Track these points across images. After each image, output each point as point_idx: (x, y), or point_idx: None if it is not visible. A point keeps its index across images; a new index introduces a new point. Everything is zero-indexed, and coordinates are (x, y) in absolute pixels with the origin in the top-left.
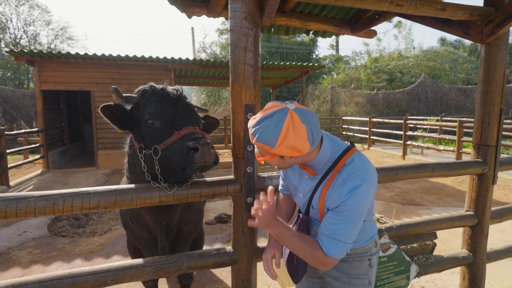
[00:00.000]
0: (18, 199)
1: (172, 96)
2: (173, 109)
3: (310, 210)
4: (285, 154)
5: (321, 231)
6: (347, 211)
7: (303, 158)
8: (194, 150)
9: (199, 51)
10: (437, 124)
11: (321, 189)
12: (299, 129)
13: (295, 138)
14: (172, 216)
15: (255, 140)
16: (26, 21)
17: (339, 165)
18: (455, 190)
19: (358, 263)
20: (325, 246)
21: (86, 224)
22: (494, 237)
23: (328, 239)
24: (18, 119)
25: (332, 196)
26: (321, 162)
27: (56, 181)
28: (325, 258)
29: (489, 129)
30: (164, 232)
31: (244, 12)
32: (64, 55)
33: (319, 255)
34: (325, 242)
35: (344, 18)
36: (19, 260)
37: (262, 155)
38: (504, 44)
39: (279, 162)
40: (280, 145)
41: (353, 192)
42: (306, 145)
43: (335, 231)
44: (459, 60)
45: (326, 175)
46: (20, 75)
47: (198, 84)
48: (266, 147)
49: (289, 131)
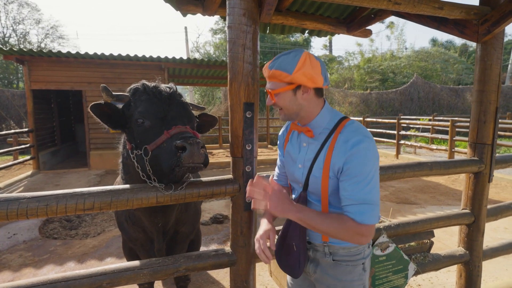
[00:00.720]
0: (9, 201)
1: (164, 94)
2: (165, 108)
3: (310, 181)
4: (301, 82)
5: (344, 203)
6: (358, 170)
7: (308, 110)
8: (182, 149)
9: (193, 51)
10: (429, 124)
11: (324, 152)
12: (314, 63)
13: (312, 69)
14: (169, 217)
15: (273, 69)
16: (15, 19)
17: (339, 128)
18: (448, 189)
19: (352, 268)
20: (356, 215)
21: (78, 226)
22: (488, 234)
23: (355, 207)
24: (7, 119)
25: (337, 155)
26: (321, 124)
27: (47, 182)
28: (360, 227)
29: (485, 128)
30: (161, 234)
31: (242, 8)
32: (55, 54)
33: (351, 225)
34: (354, 211)
35: (340, 18)
36: (9, 263)
37: (275, 89)
38: (499, 43)
39: (290, 101)
40: (298, 71)
41: (357, 147)
42: (321, 78)
43: (359, 196)
44: (450, 60)
45: (328, 139)
46: (9, 75)
47: (192, 84)
48: (283, 74)
49: (306, 61)
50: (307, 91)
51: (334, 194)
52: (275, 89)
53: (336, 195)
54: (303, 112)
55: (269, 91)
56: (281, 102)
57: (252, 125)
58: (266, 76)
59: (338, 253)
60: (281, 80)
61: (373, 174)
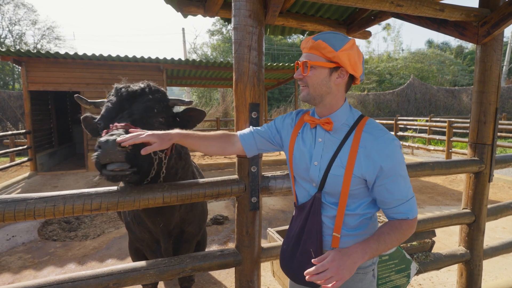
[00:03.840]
0: (16, 201)
1: (123, 94)
2: (121, 107)
3: (328, 180)
4: (343, 64)
5: (393, 205)
6: (399, 168)
7: (333, 98)
8: (98, 148)
9: (190, 52)
10: (426, 125)
11: (347, 149)
12: (359, 53)
13: (357, 55)
14: (169, 217)
15: (319, 39)
16: (11, 20)
17: (360, 124)
18: (446, 189)
19: (363, 276)
20: (408, 213)
21: (77, 227)
22: (486, 234)
23: (406, 206)
24: (3, 121)
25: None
26: (341, 118)
27: (45, 184)
28: (413, 222)
29: (485, 128)
30: (166, 233)
31: (248, 10)
32: (53, 55)
33: (406, 226)
34: (405, 210)
35: (340, 19)
36: (9, 265)
37: (313, 60)
38: (499, 44)
39: (323, 80)
40: (345, 50)
41: (392, 144)
42: (361, 68)
43: (405, 194)
44: (446, 62)
45: (349, 135)
46: (4, 76)
47: (190, 85)
48: (328, 48)
49: (354, 47)
50: (343, 76)
51: (352, 196)
52: (313, 61)
53: (354, 197)
54: (329, 98)
55: (302, 62)
56: (312, 79)
57: (257, 126)
58: (306, 47)
59: None
60: (323, 55)
61: (405, 168)
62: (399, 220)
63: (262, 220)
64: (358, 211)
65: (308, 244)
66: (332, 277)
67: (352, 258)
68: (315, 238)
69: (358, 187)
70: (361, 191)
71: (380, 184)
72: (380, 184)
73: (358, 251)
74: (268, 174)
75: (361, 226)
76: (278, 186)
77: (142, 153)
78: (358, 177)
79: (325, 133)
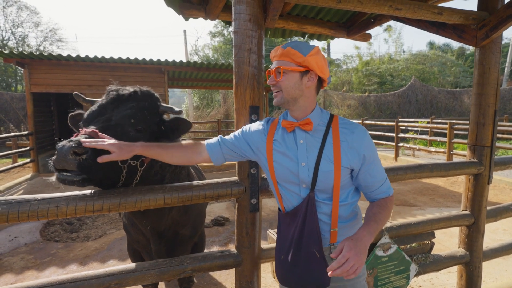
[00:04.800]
0: (20, 202)
1: (109, 98)
2: (103, 111)
3: (319, 177)
4: (312, 67)
5: (375, 187)
6: (374, 154)
7: (306, 101)
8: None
9: (191, 54)
10: (428, 126)
11: (330, 145)
12: (324, 58)
13: (323, 60)
14: (157, 220)
15: (288, 46)
16: (14, 22)
17: (334, 122)
18: (447, 191)
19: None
20: (389, 190)
21: (79, 228)
22: (487, 236)
23: (385, 185)
24: (6, 122)
25: (352, 146)
26: (317, 118)
27: (47, 185)
28: (393, 198)
29: (484, 130)
30: (156, 235)
31: (248, 14)
32: (56, 57)
33: (390, 201)
34: (385, 189)
35: (340, 22)
36: (11, 266)
37: (285, 66)
38: (497, 47)
39: (295, 84)
40: (312, 55)
41: (365, 135)
42: (327, 71)
43: (382, 175)
44: (448, 63)
45: (327, 132)
46: (7, 78)
47: (192, 87)
48: (297, 53)
49: (320, 53)
50: (313, 79)
51: (342, 187)
52: (285, 66)
53: (343, 188)
54: (302, 101)
55: (275, 69)
56: (285, 83)
57: None
58: (276, 55)
59: None
60: (293, 60)
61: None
62: (384, 198)
63: (263, 222)
64: (348, 200)
65: (310, 245)
66: (354, 265)
67: (363, 242)
68: (316, 237)
69: (346, 178)
70: (347, 181)
71: (364, 171)
72: (364, 171)
73: (365, 234)
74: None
75: (352, 216)
76: None
77: (98, 161)
78: (346, 168)
79: (305, 134)
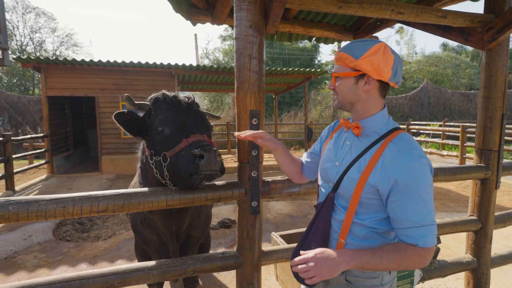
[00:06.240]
0: (29, 203)
1: (183, 104)
2: (183, 117)
3: (343, 181)
4: (366, 70)
5: (403, 226)
6: (419, 187)
7: (365, 105)
8: (200, 157)
9: (202, 57)
10: (440, 129)
11: (369, 156)
12: (387, 55)
13: (382, 59)
14: (183, 221)
15: (341, 51)
16: (32, 28)
17: (391, 136)
18: (459, 196)
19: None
20: (419, 239)
21: (90, 228)
22: (500, 242)
23: (418, 230)
24: (23, 125)
25: (388, 165)
26: (373, 126)
27: (60, 186)
28: (423, 252)
29: (491, 134)
30: (175, 237)
31: (249, 20)
32: (70, 62)
33: (412, 252)
34: (416, 235)
35: (346, 25)
36: (24, 264)
37: (337, 72)
38: (504, 50)
39: (350, 89)
40: (365, 57)
41: (418, 160)
42: (389, 72)
43: (420, 217)
44: (462, 65)
45: (375, 143)
46: (25, 81)
47: (201, 90)
48: (349, 58)
49: (379, 51)
50: (370, 82)
51: (363, 205)
52: (337, 72)
53: (365, 206)
54: (360, 105)
55: (332, 74)
56: (340, 88)
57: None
58: (335, 59)
59: (351, 272)
60: (346, 64)
61: (432, 192)
62: (406, 244)
63: (270, 224)
64: (366, 222)
65: (312, 243)
66: (309, 272)
67: (336, 260)
68: (319, 237)
69: (371, 197)
70: (375, 202)
71: (394, 199)
72: (394, 199)
73: (346, 255)
74: (268, 178)
75: (369, 239)
76: (278, 191)
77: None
78: (372, 185)
79: (354, 137)
